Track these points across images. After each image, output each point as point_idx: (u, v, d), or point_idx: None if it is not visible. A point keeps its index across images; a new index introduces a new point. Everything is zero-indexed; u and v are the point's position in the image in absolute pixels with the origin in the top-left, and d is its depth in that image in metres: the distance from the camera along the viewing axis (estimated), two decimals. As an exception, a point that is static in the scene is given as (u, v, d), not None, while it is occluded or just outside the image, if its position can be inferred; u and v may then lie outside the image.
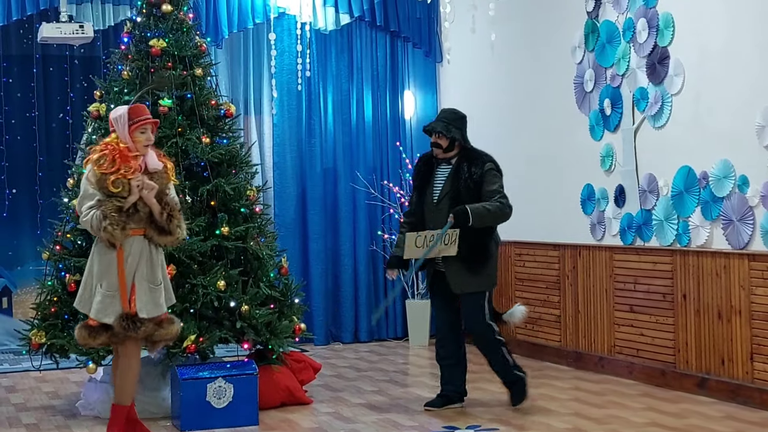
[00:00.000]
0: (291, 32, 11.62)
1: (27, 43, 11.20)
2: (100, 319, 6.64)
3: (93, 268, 6.68)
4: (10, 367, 10.16)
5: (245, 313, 7.74)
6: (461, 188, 7.64)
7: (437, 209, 7.72)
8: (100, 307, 6.62)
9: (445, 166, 7.83)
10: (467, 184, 7.65)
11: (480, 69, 11.36)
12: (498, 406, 8.00)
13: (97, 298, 6.62)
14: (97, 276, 6.65)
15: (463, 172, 7.69)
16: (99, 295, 6.63)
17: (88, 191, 6.61)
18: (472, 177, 7.67)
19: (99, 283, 6.64)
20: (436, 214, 7.71)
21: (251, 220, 8.19)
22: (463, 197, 7.62)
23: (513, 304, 10.52)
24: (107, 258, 6.63)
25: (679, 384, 8.43)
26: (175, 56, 8.23)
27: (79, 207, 6.66)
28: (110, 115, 6.83)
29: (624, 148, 9.08)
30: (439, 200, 7.74)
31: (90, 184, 6.60)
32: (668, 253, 8.56)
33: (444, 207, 7.67)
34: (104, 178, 6.56)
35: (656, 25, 8.65)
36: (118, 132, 6.71)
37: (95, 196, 6.57)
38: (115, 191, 6.55)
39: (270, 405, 7.94)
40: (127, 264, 6.64)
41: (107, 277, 6.63)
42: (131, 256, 6.66)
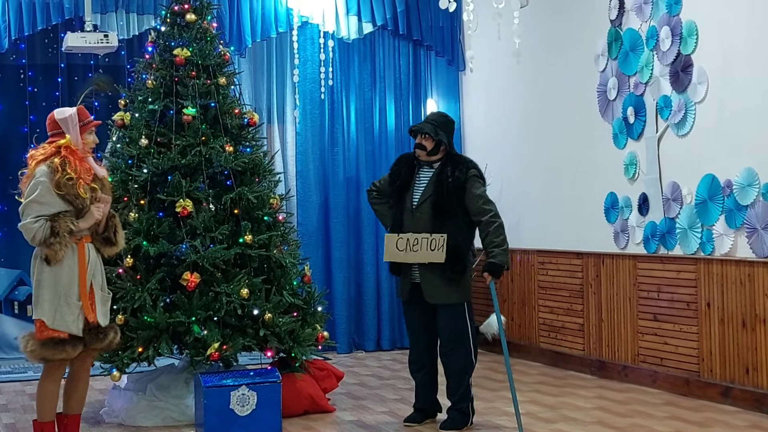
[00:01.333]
0: (314, 41, 11.65)
1: (52, 53, 11.28)
2: (73, 331, 6.39)
3: (59, 278, 6.37)
4: (34, 374, 10.19)
5: (268, 321, 7.76)
6: (444, 193, 7.40)
7: (417, 212, 7.48)
8: (73, 319, 6.40)
9: (426, 169, 7.60)
10: (449, 189, 7.40)
11: (503, 77, 11.36)
12: (522, 414, 7.97)
13: (68, 309, 6.38)
14: (66, 285, 6.38)
15: (446, 176, 7.44)
16: (70, 305, 6.39)
17: (44, 197, 6.31)
18: (456, 182, 7.41)
19: (66, 292, 6.38)
20: (416, 218, 7.48)
21: (274, 229, 8.20)
22: (445, 202, 7.39)
23: (536, 313, 10.56)
24: (70, 267, 6.40)
25: (703, 393, 8.40)
26: (199, 65, 8.26)
27: (27, 209, 6.34)
28: (54, 116, 6.59)
29: (647, 157, 9.06)
30: (420, 204, 7.49)
31: (45, 188, 6.31)
32: (692, 262, 8.53)
33: (424, 210, 7.45)
34: (72, 184, 6.33)
35: (680, 32, 8.63)
36: (68, 133, 6.49)
37: (51, 206, 6.31)
38: (84, 197, 6.36)
39: (293, 413, 7.95)
40: (89, 273, 6.49)
41: (73, 287, 6.40)
42: (89, 265, 6.49)
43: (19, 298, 11.34)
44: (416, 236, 7.38)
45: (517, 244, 10.96)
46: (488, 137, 11.74)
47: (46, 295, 6.37)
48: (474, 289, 11.62)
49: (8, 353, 11.13)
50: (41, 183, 6.33)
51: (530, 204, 10.86)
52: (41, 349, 6.35)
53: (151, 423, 7.80)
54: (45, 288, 6.38)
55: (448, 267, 7.37)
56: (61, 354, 6.38)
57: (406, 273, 7.57)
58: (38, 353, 6.36)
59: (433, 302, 7.47)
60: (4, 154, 11.21)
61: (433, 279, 7.42)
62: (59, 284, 6.38)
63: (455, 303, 7.48)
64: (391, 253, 7.49)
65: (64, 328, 6.37)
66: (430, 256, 7.35)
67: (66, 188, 6.34)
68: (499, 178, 11.33)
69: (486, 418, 7.90)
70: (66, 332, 6.37)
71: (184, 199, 7.81)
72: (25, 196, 6.40)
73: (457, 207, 7.41)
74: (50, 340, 6.35)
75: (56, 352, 6.36)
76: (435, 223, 7.40)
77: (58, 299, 6.37)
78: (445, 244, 7.30)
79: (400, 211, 7.60)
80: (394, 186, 7.67)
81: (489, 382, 9.50)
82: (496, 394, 8.88)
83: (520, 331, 10.91)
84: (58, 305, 6.36)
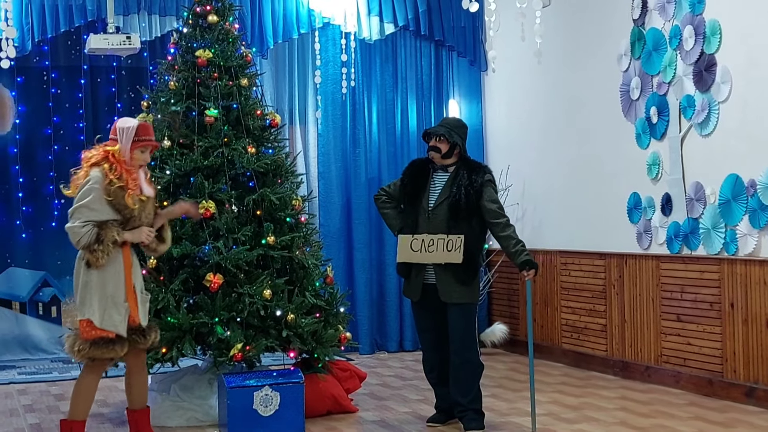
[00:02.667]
0: (336, 42, 11.66)
1: (75, 55, 11.33)
2: (120, 331, 6.54)
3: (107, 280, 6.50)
4: (59, 375, 10.26)
5: (291, 322, 7.78)
6: (461, 195, 7.42)
7: (433, 215, 7.49)
8: (120, 319, 6.54)
9: (441, 173, 7.62)
10: (467, 191, 7.42)
11: (525, 77, 11.35)
12: (544, 415, 7.97)
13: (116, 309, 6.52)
14: (113, 287, 6.52)
15: (462, 179, 7.47)
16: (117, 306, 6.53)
17: (95, 203, 6.45)
18: (473, 185, 7.44)
19: (113, 293, 6.52)
20: (431, 220, 7.49)
21: (297, 230, 8.22)
22: (462, 204, 7.41)
23: (559, 314, 10.54)
24: (116, 269, 6.55)
25: (726, 393, 8.37)
26: (221, 66, 8.28)
27: (77, 212, 6.47)
28: (117, 123, 6.72)
29: (671, 157, 9.03)
30: (436, 206, 7.51)
31: (98, 195, 6.45)
32: (715, 262, 8.50)
33: (440, 213, 7.46)
34: (121, 193, 6.47)
35: (703, 32, 8.60)
36: (120, 143, 6.62)
37: (101, 213, 6.46)
38: (133, 207, 6.50)
39: (316, 413, 7.97)
40: (133, 275, 6.65)
41: (119, 288, 6.54)
42: (133, 267, 6.67)
43: (43, 299, 11.40)
44: (432, 237, 7.40)
45: (539, 244, 10.97)
46: (510, 138, 11.72)
47: (95, 296, 6.50)
48: (496, 291, 11.66)
49: (33, 354, 11.20)
50: (94, 189, 6.48)
51: (553, 205, 10.84)
52: (91, 349, 6.51)
53: (174, 423, 7.83)
54: (93, 289, 6.51)
55: (462, 268, 7.38)
56: (110, 353, 6.55)
57: (419, 273, 7.57)
58: (87, 352, 6.53)
59: (448, 301, 7.48)
60: (28, 155, 11.27)
61: (448, 279, 7.42)
62: (107, 285, 6.51)
63: (467, 303, 7.48)
64: (406, 254, 7.51)
65: (112, 328, 6.52)
66: (447, 256, 7.37)
67: (114, 196, 6.48)
68: (522, 179, 11.32)
69: (509, 418, 7.89)
70: (114, 332, 6.52)
71: (206, 200, 7.84)
72: (78, 200, 6.52)
73: (473, 210, 7.45)
74: (100, 340, 6.50)
75: (105, 351, 6.53)
76: (450, 225, 7.42)
77: (107, 300, 6.51)
78: (462, 244, 7.33)
79: (414, 213, 7.61)
80: (406, 190, 7.68)
81: (511, 383, 9.49)
82: (518, 394, 8.87)
83: (543, 332, 10.90)
84: (107, 306, 6.51)
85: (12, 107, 8.94)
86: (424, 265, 7.52)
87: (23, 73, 11.21)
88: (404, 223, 7.66)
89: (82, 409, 6.73)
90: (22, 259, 11.32)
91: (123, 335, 6.55)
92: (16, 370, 10.55)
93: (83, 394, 6.72)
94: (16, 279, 11.32)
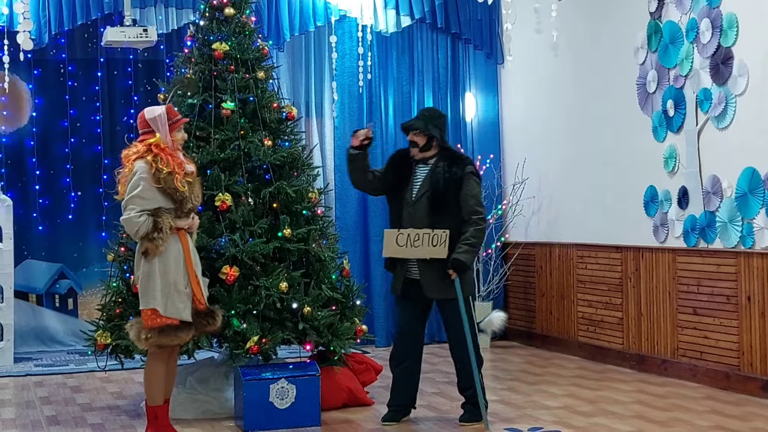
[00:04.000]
0: (352, 35, 11.66)
1: (92, 47, 11.37)
2: (184, 317, 6.68)
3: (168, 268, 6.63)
4: (75, 367, 10.30)
5: (307, 315, 7.79)
6: (441, 187, 7.38)
7: (414, 208, 7.46)
8: (184, 306, 6.68)
9: (423, 165, 7.57)
10: (446, 183, 7.38)
11: (541, 70, 11.33)
12: (560, 408, 7.97)
13: (178, 296, 6.66)
14: (174, 274, 6.65)
15: (443, 171, 7.42)
16: (180, 293, 6.66)
17: (146, 192, 6.57)
18: (453, 177, 7.40)
19: (175, 281, 6.66)
20: (413, 212, 7.45)
21: (313, 223, 8.23)
22: (442, 196, 7.38)
23: (575, 307, 10.53)
24: (176, 257, 6.67)
25: (743, 387, 8.35)
26: (238, 59, 8.29)
27: (131, 203, 6.57)
28: (144, 115, 6.79)
29: (687, 150, 9.00)
30: (417, 199, 7.47)
31: (147, 184, 6.56)
32: (732, 255, 8.47)
33: (421, 206, 7.43)
34: (170, 178, 6.59)
35: (720, 25, 8.57)
36: (158, 132, 6.72)
37: (152, 202, 6.58)
38: (183, 190, 6.62)
39: (332, 406, 7.97)
40: (193, 261, 6.79)
41: (179, 275, 6.67)
42: (192, 253, 6.80)
43: (60, 291, 11.44)
44: (417, 232, 7.33)
45: (556, 238, 10.96)
46: (527, 131, 11.71)
47: (158, 284, 6.63)
48: (512, 284, 11.66)
49: (50, 346, 11.25)
50: (143, 179, 6.58)
51: (569, 198, 10.82)
52: (158, 337, 6.64)
53: (191, 415, 7.84)
54: (156, 278, 6.63)
55: (445, 262, 7.34)
56: (176, 340, 6.70)
57: (402, 268, 7.53)
58: (155, 340, 6.65)
59: (434, 297, 7.47)
60: (45, 147, 11.32)
61: (432, 274, 7.40)
62: (168, 273, 6.63)
63: (456, 298, 7.41)
64: (392, 249, 7.43)
65: (176, 315, 6.65)
66: (432, 251, 7.31)
67: (165, 182, 6.59)
68: (538, 172, 11.31)
69: (525, 411, 7.89)
70: (178, 319, 6.64)
71: (223, 193, 7.85)
72: (128, 192, 6.62)
73: (453, 203, 7.41)
74: (167, 327, 6.63)
75: (172, 338, 6.68)
76: (432, 218, 7.40)
77: (169, 288, 6.64)
78: (448, 239, 7.28)
79: (398, 207, 7.58)
80: (388, 181, 7.65)
81: (527, 376, 9.49)
82: (534, 387, 8.87)
83: (559, 324, 10.89)
84: (169, 294, 6.64)
85: (29, 100, 8.98)
86: (407, 260, 7.49)
87: (40, 66, 11.25)
88: (392, 215, 7.64)
89: (158, 393, 6.85)
90: (39, 251, 11.37)
91: (188, 321, 6.68)
92: (32, 362, 10.60)
93: (153, 381, 6.84)
94: (32, 271, 11.37)
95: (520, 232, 11.65)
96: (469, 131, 12.16)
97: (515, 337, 11.73)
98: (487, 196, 11.59)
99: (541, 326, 11.26)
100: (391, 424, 7.60)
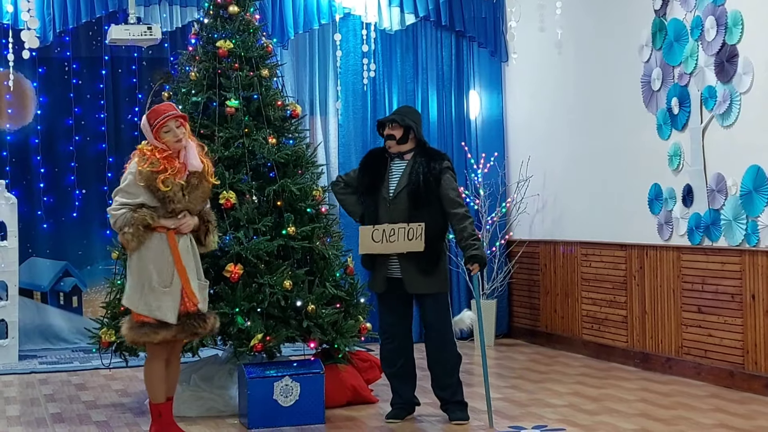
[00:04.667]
0: (356, 32, 11.66)
1: (96, 45, 11.38)
2: (158, 316, 6.60)
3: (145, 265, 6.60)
4: (80, 365, 10.30)
5: (311, 313, 7.79)
6: (420, 182, 7.37)
7: (393, 204, 7.44)
8: (158, 305, 6.62)
9: (399, 161, 7.56)
10: (426, 178, 7.37)
11: (546, 68, 11.32)
12: (564, 406, 7.96)
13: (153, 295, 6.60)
14: (150, 273, 6.60)
15: (421, 166, 7.42)
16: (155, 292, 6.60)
17: (131, 187, 6.61)
18: (431, 171, 7.39)
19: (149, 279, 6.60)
20: (391, 209, 7.44)
21: (317, 220, 8.23)
22: (422, 191, 7.36)
23: (579, 305, 10.53)
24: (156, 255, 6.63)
25: (747, 385, 8.34)
26: (242, 57, 8.29)
27: (115, 197, 6.65)
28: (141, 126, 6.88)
29: (692, 148, 9.00)
30: (395, 195, 7.46)
31: (134, 180, 6.60)
32: (737, 254, 8.46)
33: (400, 202, 7.42)
34: (154, 177, 6.57)
35: (725, 22, 8.56)
36: (148, 139, 6.75)
37: (135, 197, 6.59)
38: (165, 189, 6.57)
39: (336, 403, 7.98)
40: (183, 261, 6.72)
41: (162, 275, 6.62)
42: (182, 252, 6.72)
43: (64, 289, 11.45)
44: (392, 226, 7.34)
45: (560, 235, 10.96)
46: (531, 128, 11.70)
47: (132, 281, 6.66)
48: (516, 282, 11.65)
49: (54, 344, 11.26)
50: (131, 174, 6.63)
51: (573, 195, 10.82)
52: (129, 332, 6.68)
53: (194, 413, 7.85)
54: (132, 275, 6.67)
55: (425, 257, 7.33)
56: (146, 337, 6.64)
57: (382, 266, 7.50)
58: (129, 336, 6.71)
59: (414, 292, 7.45)
60: (49, 146, 11.32)
61: (411, 269, 7.38)
62: (143, 271, 6.62)
63: (438, 293, 7.45)
64: (367, 245, 7.43)
65: (147, 313, 6.61)
66: (408, 245, 7.31)
67: (146, 180, 6.57)
68: (542, 170, 11.30)
69: (529, 409, 7.89)
70: (150, 317, 6.60)
71: (227, 190, 7.85)
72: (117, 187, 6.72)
73: (433, 197, 7.40)
74: (143, 324, 6.63)
75: (145, 335, 6.63)
76: (412, 213, 7.38)
77: (142, 286, 6.61)
78: (423, 232, 7.28)
79: (374, 204, 7.56)
80: (364, 180, 7.63)
81: (531, 374, 9.48)
82: (538, 385, 8.87)
83: (563, 323, 10.88)
84: (143, 292, 6.61)
85: (33, 98, 8.99)
86: (387, 258, 7.45)
87: (44, 64, 11.26)
88: (365, 213, 7.62)
89: (159, 391, 6.85)
90: (44, 249, 11.38)
91: (164, 320, 6.60)
92: (37, 360, 10.61)
93: (152, 379, 6.85)
94: (37, 269, 11.38)
95: (524, 230, 11.65)
96: (474, 129, 12.15)
97: (519, 335, 11.73)
98: (491, 193, 11.60)
99: (546, 324, 11.25)
100: (395, 422, 7.59)
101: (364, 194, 7.64)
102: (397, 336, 7.63)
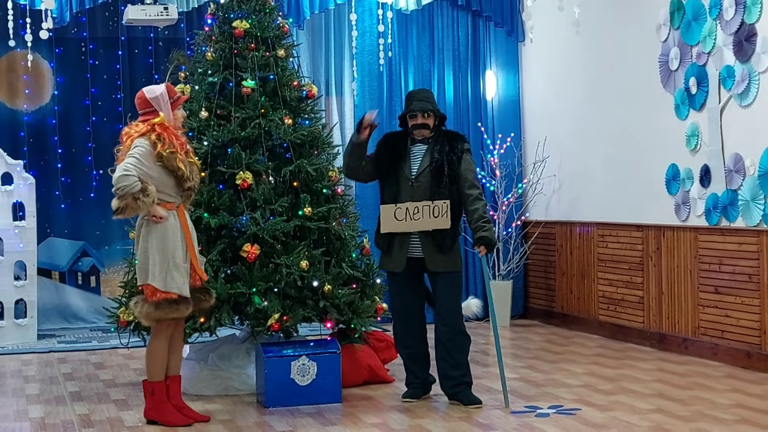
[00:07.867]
0: (372, 12, 11.63)
1: (112, 26, 11.40)
2: (184, 292, 6.74)
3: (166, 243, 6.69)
4: (98, 344, 10.36)
5: (328, 293, 7.80)
6: (444, 161, 7.38)
7: (417, 183, 7.43)
8: (183, 281, 6.74)
9: (420, 144, 7.57)
10: (450, 158, 7.39)
11: (563, 48, 11.28)
12: (580, 386, 7.97)
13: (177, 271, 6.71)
14: (172, 249, 6.71)
15: (444, 146, 7.44)
16: (178, 268, 6.72)
17: (144, 156, 6.63)
18: (454, 152, 7.43)
19: (173, 256, 6.71)
20: (415, 188, 7.42)
21: (333, 201, 8.23)
22: (446, 170, 7.37)
23: (596, 286, 10.52)
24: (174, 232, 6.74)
25: (764, 366, 8.33)
26: (258, 37, 8.29)
27: (127, 161, 6.62)
28: (144, 95, 6.84)
29: (710, 128, 8.96)
30: (419, 174, 7.45)
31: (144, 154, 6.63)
32: (754, 234, 8.44)
33: (424, 180, 7.42)
34: (173, 157, 6.66)
35: (743, 1, 8.51)
36: (161, 111, 6.76)
37: (148, 169, 6.63)
38: (184, 169, 6.69)
39: (352, 383, 8.00)
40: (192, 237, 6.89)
41: (178, 250, 6.74)
42: (191, 229, 6.89)
43: (82, 269, 11.50)
44: (416, 204, 7.33)
45: (576, 216, 10.94)
46: (548, 109, 11.67)
47: (157, 260, 6.69)
48: (532, 263, 11.65)
49: (73, 323, 11.33)
50: (143, 146, 6.66)
51: (590, 176, 10.80)
52: (156, 311, 6.71)
53: (212, 392, 7.89)
54: (154, 254, 6.70)
55: (446, 235, 7.35)
56: (174, 313, 6.73)
57: (402, 245, 7.45)
58: (153, 315, 6.72)
59: (437, 270, 7.42)
60: (66, 126, 11.36)
61: (431, 248, 7.38)
62: (167, 249, 6.70)
63: (454, 271, 7.47)
64: (390, 224, 7.40)
65: (176, 290, 6.70)
66: (434, 222, 7.31)
67: (168, 161, 6.66)
68: (559, 150, 11.28)
69: (545, 389, 7.90)
70: (177, 293, 6.69)
71: (244, 171, 7.86)
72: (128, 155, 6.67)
73: (455, 177, 7.42)
74: (164, 301, 6.68)
75: (170, 312, 6.71)
76: (434, 191, 7.38)
77: (167, 263, 6.69)
78: (449, 209, 7.29)
79: (396, 184, 7.53)
80: (383, 162, 7.61)
81: (547, 354, 9.49)
82: (554, 366, 8.88)
83: (579, 303, 10.88)
84: (168, 269, 6.69)
85: (51, 78, 9.00)
86: (408, 237, 7.43)
87: (61, 45, 11.29)
88: (384, 193, 7.62)
89: (158, 370, 6.91)
90: (62, 229, 11.43)
91: (186, 296, 6.73)
92: (56, 339, 10.68)
93: (154, 357, 6.91)
94: (55, 249, 11.43)
95: (541, 211, 11.63)
96: (490, 110, 12.13)
97: (535, 316, 11.73)
98: (507, 174, 11.59)
99: (562, 305, 11.25)
100: (411, 401, 7.61)
101: (383, 175, 7.64)
102: (411, 316, 7.64)
